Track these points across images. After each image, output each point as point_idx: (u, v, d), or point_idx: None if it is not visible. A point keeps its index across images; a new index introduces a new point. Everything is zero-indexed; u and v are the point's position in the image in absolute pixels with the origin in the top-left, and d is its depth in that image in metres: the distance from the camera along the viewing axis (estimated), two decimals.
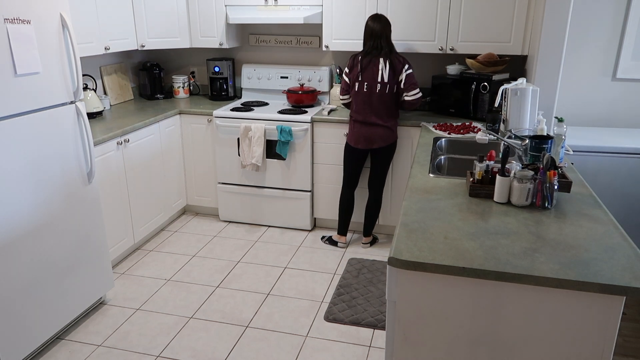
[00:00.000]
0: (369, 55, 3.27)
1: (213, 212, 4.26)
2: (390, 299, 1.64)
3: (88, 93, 3.52)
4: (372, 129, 3.35)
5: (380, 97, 3.28)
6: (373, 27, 3.24)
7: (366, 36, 3.29)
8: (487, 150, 2.51)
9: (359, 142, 3.40)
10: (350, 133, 3.43)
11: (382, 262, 3.46)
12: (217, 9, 3.92)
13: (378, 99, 3.29)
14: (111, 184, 3.22)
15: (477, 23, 3.46)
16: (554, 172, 1.90)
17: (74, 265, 2.67)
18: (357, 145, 3.41)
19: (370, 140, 3.37)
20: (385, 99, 3.28)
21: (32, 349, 2.45)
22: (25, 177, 2.33)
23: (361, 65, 3.29)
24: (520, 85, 2.76)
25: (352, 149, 3.47)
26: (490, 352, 1.61)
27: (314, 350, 2.60)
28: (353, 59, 3.34)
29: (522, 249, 1.60)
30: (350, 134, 3.43)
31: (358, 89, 3.32)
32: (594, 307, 1.46)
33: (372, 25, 3.25)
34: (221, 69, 4.19)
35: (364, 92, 3.30)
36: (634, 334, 2.74)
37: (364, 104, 3.32)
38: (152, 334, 2.73)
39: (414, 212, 1.88)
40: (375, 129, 3.34)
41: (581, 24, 3.48)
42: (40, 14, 2.34)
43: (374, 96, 3.29)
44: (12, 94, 2.23)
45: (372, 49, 3.27)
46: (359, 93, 3.32)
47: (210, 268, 3.42)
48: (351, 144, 3.44)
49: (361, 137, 3.38)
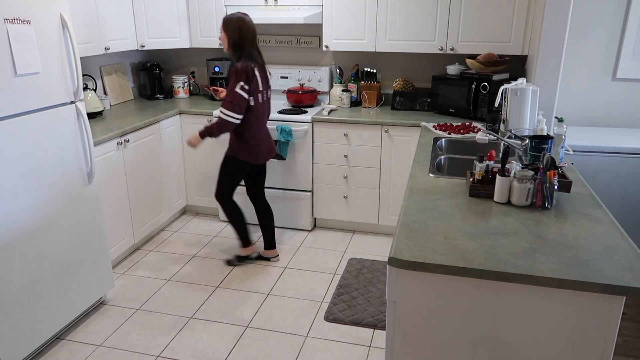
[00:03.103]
0: (254, 60, 2.96)
1: (213, 212, 4.26)
2: (390, 299, 1.64)
3: (88, 93, 3.52)
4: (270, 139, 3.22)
5: (268, 102, 3.14)
6: (251, 25, 2.96)
7: (251, 36, 2.95)
8: (487, 150, 2.52)
9: (270, 154, 3.21)
10: (258, 150, 3.10)
11: (382, 262, 3.46)
12: (217, 9, 3.92)
13: (268, 105, 3.13)
14: (111, 184, 3.21)
15: (477, 23, 3.46)
16: (554, 172, 1.90)
17: (74, 265, 2.67)
18: (266, 159, 3.21)
19: (272, 148, 3.23)
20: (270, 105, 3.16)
21: (32, 349, 2.45)
22: (25, 177, 2.33)
23: (259, 74, 2.97)
24: (520, 85, 2.76)
25: (255, 166, 3.23)
26: (490, 352, 1.61)
27: (314, 350, 2.60)
28: (247, 70, 2.87)
29: (522, 249, 1.60)
30: (255, 152, 3.09)
31: (262, 101, 3.04)
32: (594, 307, 1.46)
33: (251, 23, 2.97)
34: (221, 69, 4.20)
35: (263, 103, 3.05)
36: (634, 334, 2.74)
37: (263, 117, 3.08)
38: (152, 334, 2.73)
39: (414, 212, 1.88)
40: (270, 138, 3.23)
41: (581, 24, 3.48)
42: (40, 14, 2.34)
43: (267, 105, 3.11)
44: (12, 94, 2.23)
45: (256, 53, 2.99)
46: (262, 104, 3.04)
47: (210, 268, 3.42)
48: (258, 160, 3.14)
49: (270, 149, 3.20)
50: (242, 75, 2.87)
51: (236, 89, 2.87)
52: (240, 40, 2.94)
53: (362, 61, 4.11)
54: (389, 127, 3.56)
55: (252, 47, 2.98)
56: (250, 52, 2.97)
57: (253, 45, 2.99)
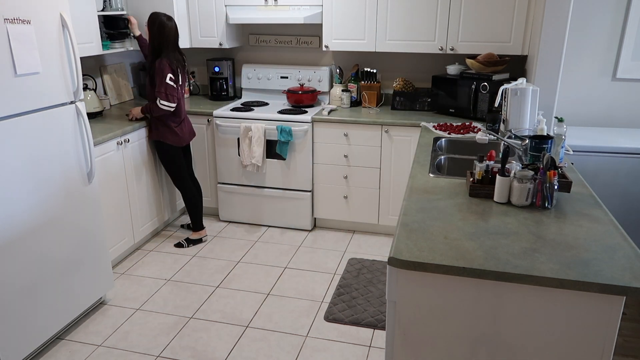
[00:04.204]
0: (172, 56, 3.30)
1: (213, 212, 4.26)
2: (390, 299, 1.64)
3: (88, 93, 3.52)
4: (189, 122, 3.67)
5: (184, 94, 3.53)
6: (172, 25, 3.29)
7: (172, 35, 3.29)
8: (487, 150, 2.52)
9: (191, 136, 3.64)
10: (180, 134, 3.49)
11: (382, 262, 3.46)
12: (217, 9, 3.92)
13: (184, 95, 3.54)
14: (111, 184, 3.21)
15: (477, 23, 3.46)
16: (554, 172, 1.90)
17: (74, 265, 2.67)
18: (188, 141, 3.61)
19: (192, 131, 3.67)
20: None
21: (32, 349, 2.45)
22: (25, 177, 2.33)
23: (180, 69, 3.35)
24: (520, 85, 2.76)
25: (182, 148, 3.60)
26: (490, 352, 1.61)
27: (314, 350, 2.60)
28: (166, 64, 3.23)
29: (522, 249, 1.60)
30: (179, 135, 3.48)
31: (182, 92, 3.44)
32: (594, 307, 1.46)
33: (171, 24, 3.29)
34: (221, 69, 4.20)
35: (182, 92, 3.45)
36: (634, 334, 2.74)
37: (183, 103, 3.51)
38: (152, 334, 2.73)
39: (414, 212, 1.88)
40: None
41: (581, 24, 3.48)
42: (40, 14, 2.34)
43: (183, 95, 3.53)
44: (12, 94, 2.23)
45: (174, 48, 3.33)
46: (182, 96, 3.45)
47: (210, 268, 3.42)
48: (183, 143, 3.54)
49: (190, 132, 3.62)
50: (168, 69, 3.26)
51: (167, 81, 3.25)
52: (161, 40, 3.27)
53: (362, 61, 4.11)
54: (389, 127, 3.56)
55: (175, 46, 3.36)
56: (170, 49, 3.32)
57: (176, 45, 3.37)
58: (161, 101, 3.25)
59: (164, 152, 3.50)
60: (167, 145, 3.46)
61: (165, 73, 3.22)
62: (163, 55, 3.25)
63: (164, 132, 3.43)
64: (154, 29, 3.24)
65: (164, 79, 3.22)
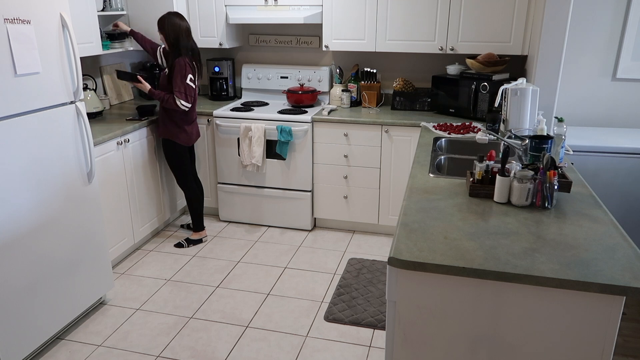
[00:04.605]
0: (188, 55, 3.33)
1: (213, 212, 4.26)
2: (390, 299, 1.64)
3: (88, 93, 3.52)
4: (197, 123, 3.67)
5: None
6: (183, 24, 3.30)
7: (186, 35, 3.32)
8: (487, 150, 2.52)
9: (197, 137, 3.64)
10: (190, 134, 3.51)
11: (382, 262, 3.46)
12: (217, 9, 3.92)
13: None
14: (111, 184, 3.21)
15: (477, 23, 3.46)
16: (554, 172, 1.90)
17: (74, 265, 2.67)
18: (195, 141, 3.61)
19: (198, 132, 3.67)
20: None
21: (32, 349, 2.45)
22: (25, 177, 2.33)
23: (197, 68, 3.40)
24: (520, 85, 2.76)
25: (189, 148, 3.64)
26: (490, 352, 1.61)
27: (314, 350, 2.60)
28: (186, 64, 3.27)
29: (522, 249, 1.60)
30: (189, 135, 3.50)
31: (197, 92, 3.46)
32: (594, 307, 1.46)
33: (183, 23, 3.31)
34: (221, 69, 4.19)
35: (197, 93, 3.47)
36: (634, 334, 2.74)
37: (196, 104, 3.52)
38: (152, 334, 2.74)
39: (414, 212, 1.88)
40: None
41: (581, 24, 3.48)
42: (40, 14, 2.34)
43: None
44: (12, 94, 2.23)
45: (191, 47, 3.35)
46: (197, 96, 3.47)
47: (210, 268, 3.42)
48: (191, 143, 3.56)
49: (197, 132, 3.63)
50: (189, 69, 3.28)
51: (187, 82, 3.27)
52: (177, 37, 3.28)
53: (362, 61, 4.11)
54: (389, 127, 3.56)
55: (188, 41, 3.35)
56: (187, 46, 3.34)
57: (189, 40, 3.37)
58: (181, 101, 3.28)
59: (173, 151, 3.49)
60: (176, 145, 3.47)
61: (187, 73, 3.26)
62: (182, 51, 3.27)
63: (176, 131, 3.43)
64: (165, 26, 3.27)
65: (184, 78, 3.26)
